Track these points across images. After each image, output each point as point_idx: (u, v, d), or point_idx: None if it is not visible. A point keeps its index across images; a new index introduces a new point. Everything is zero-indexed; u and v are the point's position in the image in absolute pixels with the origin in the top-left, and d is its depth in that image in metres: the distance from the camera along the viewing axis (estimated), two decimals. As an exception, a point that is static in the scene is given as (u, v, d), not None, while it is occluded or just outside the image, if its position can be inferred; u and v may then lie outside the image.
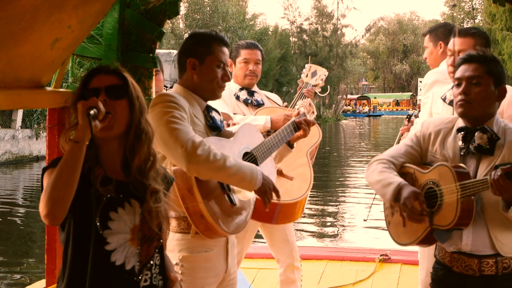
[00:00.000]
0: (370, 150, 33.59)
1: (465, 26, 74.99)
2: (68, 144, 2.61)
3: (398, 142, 5.27)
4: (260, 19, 55.90)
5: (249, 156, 3.66)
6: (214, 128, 3.60)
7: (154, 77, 4.02)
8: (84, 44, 3.64)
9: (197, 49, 3.56)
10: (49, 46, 3.27)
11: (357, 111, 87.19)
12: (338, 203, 17.58)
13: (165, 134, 3.24)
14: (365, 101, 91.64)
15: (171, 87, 3.75)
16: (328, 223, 14.88)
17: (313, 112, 4.51)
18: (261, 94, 5.25)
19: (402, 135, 5.29)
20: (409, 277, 6.28)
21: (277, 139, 3.91)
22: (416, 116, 5.18)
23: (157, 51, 4.03)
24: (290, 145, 4.10)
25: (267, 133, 4.72)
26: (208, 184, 3.37)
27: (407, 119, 4.72)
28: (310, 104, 4.44)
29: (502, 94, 3.40)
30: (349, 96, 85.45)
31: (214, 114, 3.63)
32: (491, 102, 3.37)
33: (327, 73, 5.42)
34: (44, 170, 2.68)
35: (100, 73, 2.73)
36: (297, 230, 13.30)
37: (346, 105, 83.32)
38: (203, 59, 3.54)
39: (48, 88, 3.55)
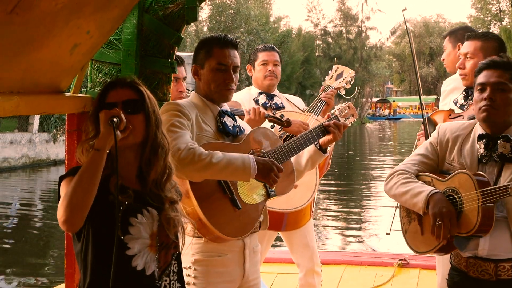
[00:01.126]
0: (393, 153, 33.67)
1: (491, 29, 74.56)
2: (87, 154, 2.68)
3: (416, 146, 5.28)
4: (284, 21, 55.79)
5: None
6: (226, 133, 3.62)
7: (173, 83, 4.07)
8: (102, 49, 3.69)
9: (199, 55, 3.65)
10: (68, 51, 3.31)
11: (377, 114, 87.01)
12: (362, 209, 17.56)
13: None
14: (386, 104, 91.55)
15: (193, 90, 3.79)
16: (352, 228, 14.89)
17: (352, 115, 4.35)
18: (281, 97, 5.28)
19: (419, 139, 5.29)
20: (427, 282, 6.30)
21: (298, 143, 3.86)
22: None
23: (179, 53, 4.07)
24: (323, 149, 4.00)
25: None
26: (205, 187, 3.38)
27: (423, 123, 4.73)
28: (349, 107, 4.31)
29: None
30: (373, 100, 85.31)
31: (226, 119, 3.64)
32: None
33: (354, 75, 5.43)
34: (61, 178, 2.74)
35: (117, 87, 2.81)
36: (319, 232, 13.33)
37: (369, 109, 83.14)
38: (203, 64, 3.63)
39: (67, 94, 3.60)
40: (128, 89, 2.81)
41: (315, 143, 3.95)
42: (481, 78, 3.44)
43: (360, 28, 68.10)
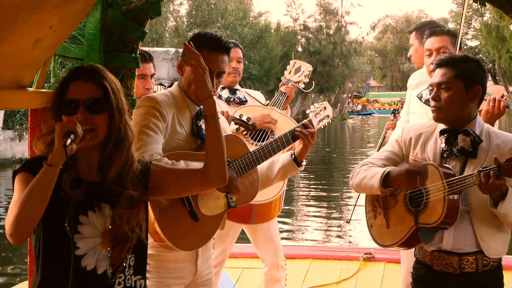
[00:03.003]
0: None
1: (473, 24, 74.84)
2: (46, 147, 2.65)
3: (384, 137, 5.43)
4: (264, 16, 55.65)
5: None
6: (199, 137, 3.60)
7: (140, 80, 4.12)
8: (66, 44, 3.72)
9: None
10: (30, 46, 3.33)
11: (350, 110, 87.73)
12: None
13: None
14: (358, 100, 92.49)
15: (169, 86, 3.80)
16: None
17: (327, 116, 4.34)
18: (243, 92, 5.42)
19: (387, 130, 5.43)
20: (393, 275, 6.45)
21: (266, 150, 3.84)
22: (398, 112, 5.31)
23: (155, 49, 4.09)
24: (298, 162, 3.95)
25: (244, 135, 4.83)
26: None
27: (392, 114, 4.88)
28: (325, 107, 4.32)
29: (477, 94, 3.50)
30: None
31: (202, 122, 3.58)
32: (463, 105, 3.49)
33: (311, 69, 5.57)
34: (15, 173, 2.69)
35: (78, 80, 2.71)
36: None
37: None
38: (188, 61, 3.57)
39: (30, 89, 3.62)
40: (91, 84, 2.70)
41: (291, 154, 3.95)
42: (433, 79, 3.58)
43: (340, 23, 68.21)
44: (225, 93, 5.31)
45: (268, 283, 5.34)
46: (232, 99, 5.29)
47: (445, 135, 3.50)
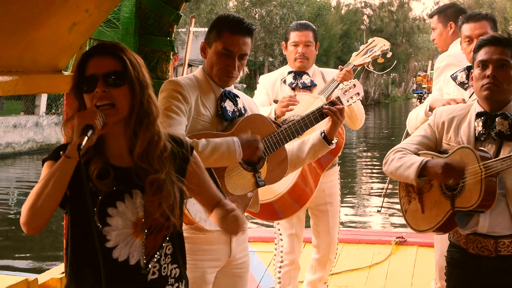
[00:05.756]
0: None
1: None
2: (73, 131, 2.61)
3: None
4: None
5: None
6: (224, 118, 3.69)
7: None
8: (101, 28, 3.86)
9: (210, 33, 3.69)
10: (66, 30, 3.47)
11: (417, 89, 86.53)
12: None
13: None
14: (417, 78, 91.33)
15: None
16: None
17: (358, 94, 4.28)
18: (315, 74, 5.32)
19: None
20: (425, 259, 6.51)
21: (294, 128, 3.88)
22: (424, 98, 5.31)
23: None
24: (328, 140, 3.95)
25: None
26: None
27: (418, 99, 4.85)
28: (355, 85, 4.26)
29: None
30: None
31: (227, 103, 3.70)
32: None
33: (387, 47, 5.32)
34: (44, 161, 2.71)
35: (96, 55, 2.68)
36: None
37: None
38: (211, 44, 3.67)
39: (66, 73, 3.76)
40: (108, 58, 2.66)
41: (321, 132, 3.96)
42: (482, 55, 3.56)
43: (402, 0, 67.39)
44: (290, 78, 5.26)
45: (312, 269, 5.44)
46: (295, 85, 5.23)
47: (482, 118, 3.54)
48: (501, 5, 69.83)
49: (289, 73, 5.29)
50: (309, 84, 5.24)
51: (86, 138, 2.48)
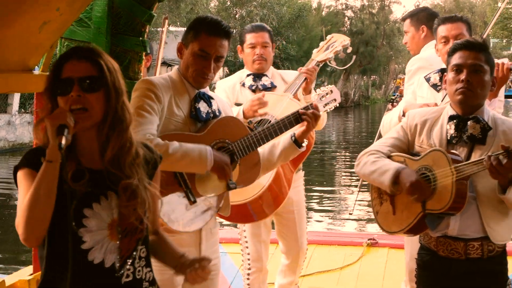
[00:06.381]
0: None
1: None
2: (45, 133, 2.59)
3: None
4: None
5: (224, 151, 3.72)
6: (197, 119, 3.70)
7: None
8: (72, 27, 3.84)
9: (188, 34, 3.70)
10: (37, 28, 3.45)
11: (395, 92, 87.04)
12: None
13: None
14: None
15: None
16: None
17: (334, 100, 4.33)
18: (273, 76, 5.26)
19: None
20: (396, 260, 6.55)
21: (267, 132, 3.89)
22: (397, 102, 5.35)
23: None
24: (298, 144, 3.96)
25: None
26: (162, 179, 3.33)
27: (390, 103, 4.88)
28: (332, 90, 4.28)
29: (494, 84, 3.64)
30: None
31: (201, 104, 3.71)
32: (488, 91, 3.60)
33: (347, 42, 5.29)
34: (16, 169, 2.67)
35: (73, 59, 2.67)
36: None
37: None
38: (187, 44, 3.67)
39: (36, 72, 3.75)
40: (85, 62, 2.64)
41: (291, 135, 3.97)
42: (457, 59, 3.61)
43: (383, 2, 67.58)
44: (249, 81, 5.20)
45: (281, 273, 5.42)
46: (255, 87, 5.17)
47: (454, 121, 3.58)
48: (481, 9, 70.47)
49: (248, 75, 5.23)
50: (269, 86, 5.19)
51: (64, 137, 2.47)
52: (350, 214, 6.94)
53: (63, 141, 2.46)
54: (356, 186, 16.71)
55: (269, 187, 4.67)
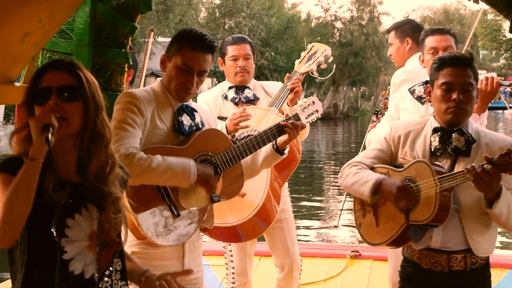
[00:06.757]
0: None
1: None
2: (22, 144, 2.63)
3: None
4: (299, 7, 55.59)
5: (207, 164, 3.71)
6: (180, 132, 3.69)
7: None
8: (54, 39, 3.83)
9: (171, 47, 3.68)
10: (18, 40, 3.45)
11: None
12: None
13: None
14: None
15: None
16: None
17: (316, 111, 4.31)
18: (255, 88, 5.23)
19: (369, 131, 5.45)
20: (379, 272, 6.53)
21: (250, 144, 3.89)
22: (382, 114, 5.36)
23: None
24: (280, 151, 3.99)
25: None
26: (143, 193, 3.45)
27: (375, 115, 4.88)
28: (314, 102, 4.27)
29: (477, 96, 3.66)
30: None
31: (184, 117, 3.70)
32: (474, 105, 3.65)
33: (329, 52, 5.21)
34: None
35: (53, 69, 2.68)
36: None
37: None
38: (171, 58, 3.66)
39: (17, 84, 3.73)
40: (64, 73, 2.66)
41: (272, 143, 3.97)
42: (446, 77, 3.60)
43: (372, 13, 67.74)
44: (231, 93, 5.17)
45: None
46: (238, 99, 5.14)
47: (439, 133, 3.59)
48: (470, 21, 70.76)
49: (230, 88, 5.19)
50: (252, 98, 5.16)
51: (50, 133, 2.49)
52: (336, 227, 6.89)
53: (49, 136, 2.48)
54: (343, 196, 16.88)
55: (262, 207, 4.65)
